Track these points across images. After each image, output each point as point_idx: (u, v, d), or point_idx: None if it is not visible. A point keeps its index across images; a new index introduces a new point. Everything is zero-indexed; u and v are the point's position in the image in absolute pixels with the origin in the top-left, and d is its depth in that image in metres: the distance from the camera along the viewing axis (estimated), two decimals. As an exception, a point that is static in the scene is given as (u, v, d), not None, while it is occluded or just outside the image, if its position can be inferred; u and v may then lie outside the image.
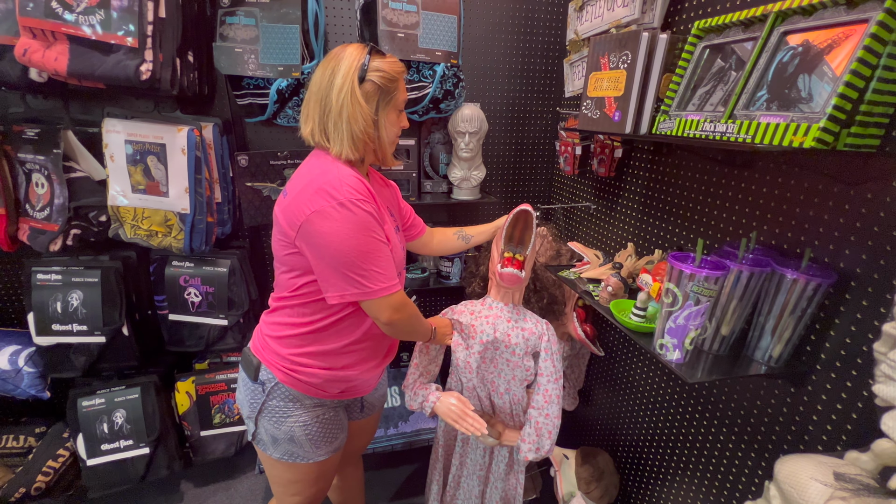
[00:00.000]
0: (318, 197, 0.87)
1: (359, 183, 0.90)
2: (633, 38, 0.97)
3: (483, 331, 1.21)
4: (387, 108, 0.96)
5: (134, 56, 1.18)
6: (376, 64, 0.93)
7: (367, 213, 0.89)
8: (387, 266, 0.93)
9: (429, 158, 1.75)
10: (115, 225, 1.46)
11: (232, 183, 1.58)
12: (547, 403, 1.18)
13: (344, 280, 0.90)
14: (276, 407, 1.02)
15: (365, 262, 0.89)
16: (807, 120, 0.68)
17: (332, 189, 0.87)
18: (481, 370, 1.24)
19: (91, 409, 1.60)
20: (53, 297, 1.48)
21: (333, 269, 0.90)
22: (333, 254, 0.88)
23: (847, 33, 0.67)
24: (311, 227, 0.88)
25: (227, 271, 1.58)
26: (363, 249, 0.89)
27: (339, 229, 0.87)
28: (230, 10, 1.36)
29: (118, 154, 1.38)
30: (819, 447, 0.86)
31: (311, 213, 0.87)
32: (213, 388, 1.73)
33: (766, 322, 0.87)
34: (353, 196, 0.87)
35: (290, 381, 1.01)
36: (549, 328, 1.22)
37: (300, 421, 1.03)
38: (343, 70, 0.90)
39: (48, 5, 1.12)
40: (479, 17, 1.66)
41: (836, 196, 0.81)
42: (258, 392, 1.03)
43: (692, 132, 0.86)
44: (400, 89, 0.98)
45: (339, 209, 0.86)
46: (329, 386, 1.04)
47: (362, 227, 0.88)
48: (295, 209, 0.90)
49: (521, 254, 1.21)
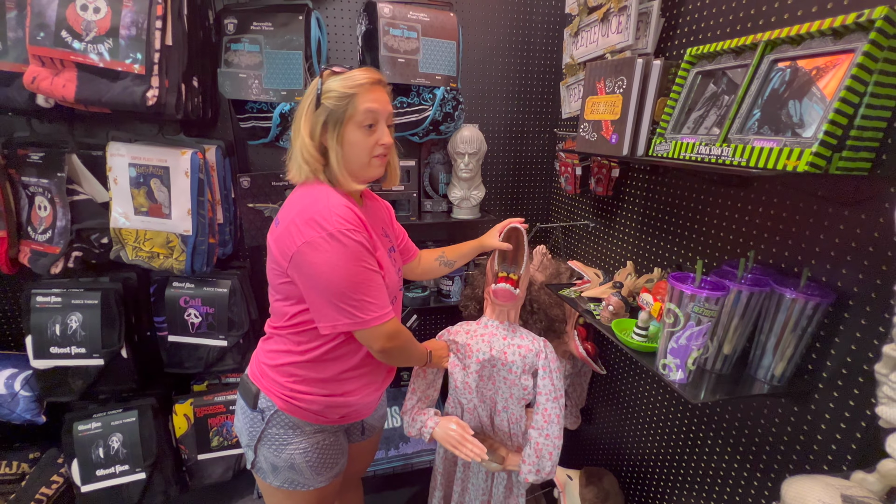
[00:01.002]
0: (308, 227, 0.86)
1: (349, 212, 0.89)
2: (629, 64, 1.00)
3: (479, 349, 1.21)
4: (342, 128, 0.91)
5: (140, 82, 1.20)
6: (329, 84, 0.91)
7: (357, 242, 0.88)
8: (378, 295, 0.92)
9: (429, 178, 1.78)
10: (117, 247, 1.46)
11: (234, 204, 1.59)
12: (546, 423, 1.17)
13: (335, 310, 0.89)
14: (276, 435, 1.01)
15: (356, 293, 0.88)
16: (799, 144, 0.70)
17: (321, 219, 0.86)
18: (480, 388, 1.23)
19: (87, 433, 1.57)
20: (52, 320, 1.47)
21: (325, 300, 0.89)
22: (324, 285, 0.88)
23: (834, 62, 0.70)
24: (302, 259, 0.87)
25: (228, 292, 1.58)
26: (354, 280, 0.88)
27: (329, 260, 0.86)
28: (235, 38, 1.39)
29: (122, 177, 1.39)
30: (824, 467, 0.85)
31: (301, 244, 0.87)
32: (212, 410, 1.70)
33: (767, 340, 0.88)
34: (343, 226, 0.87)
35: (290, 409, 1.00)
36: (548, 346, 1.22)
37: (300, 448, 1.01)
38: (305, 98, 0.93)
39: (58, 35, 1.15)
40: (477, 41, 1.71)
41: (830, 216, 0.82)
42: (257, 420, 1.01)
43: (688, 155, 0.88)
44: (359, 102, 0.90)
45: (329, 240, 0.86)
46: (329, 412, 1.03)
47: (353, 257, 0.87)
48: (286, 239, 0.89)
49: (515, 272, 1.22)
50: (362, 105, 0.91)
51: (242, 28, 1.40)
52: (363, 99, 0.91)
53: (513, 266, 1.25)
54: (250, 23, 1.40)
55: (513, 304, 1.20)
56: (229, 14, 1.40)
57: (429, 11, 1.48)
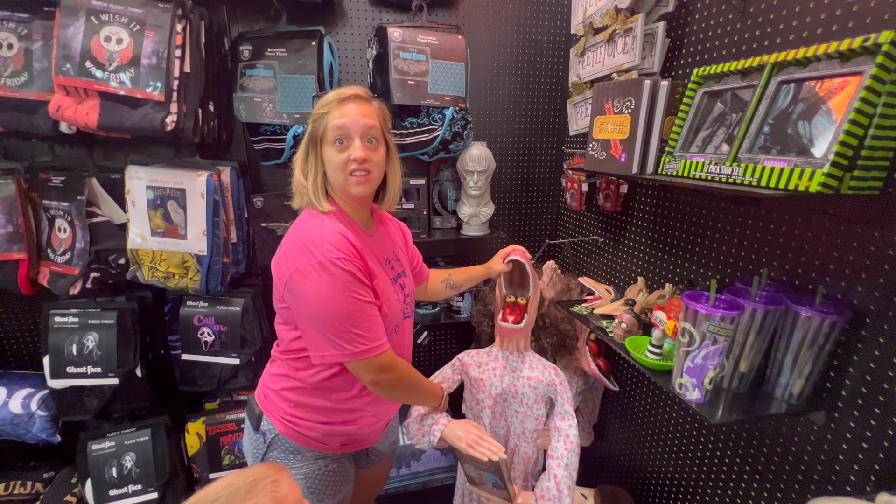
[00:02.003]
0: (300, 255, 0.86)
1: (341, 240, 0.88)
2: (636, 85, 1.02)
3: (492, 384, 1.20)
4: (320, 148, 0.93)
5: (160, 109, 1.24)
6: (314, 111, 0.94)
7: (346, 272, 0.86)
8: (370, 327, 0.89)
9: (438, 195, 1.80)
10: (134, 267, 1.49)
11: (247, 223, 1.62)
12: (568, 452, 1.12)
13: (324, 341, 0.88)
14: (277, 459, 1.01)
15: (344, 324, 0.86)
16: (810, 165, 0.71)
17: (313, 247, 0.86)
18: (493, 426, 1.22)
19: (101, 452, 1.58)
20: (70, 340, 1.50)
21: (314, 329, 0.88)
22: (313, 314, 0.87)
23: (842, 84, 0.71)
24: (294, 286, 0.87)
25: (241, 310, 1.59)
26: (342, 311, 0.86)
27: (316, 290, 0.85)
28: (250, 63, 1.44)
29: (139, 199, 1.43)
30: (847, 488, 0.84)
31: (293, 272, 0.87)
32: (223, 428, 1.71)
33: (784, 359, 0.87)
34: (332, 255, 0.85)
35: (291, 434, 0.99)
36: (559, 373, 1.21)
37: (301, 473, 1.01)
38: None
39: (82, 65, 1.19)
40: (484, 62, 1.75)
41: (843, 234, 0.83)
42: (259, 442, 1.02)
43: (698, 174, 0.89)
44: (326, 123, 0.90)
45: (319, 269, 0.85)
46: (329, 440, 1.02)
47: (342, 287, 0.85)
48: (282, 265, 0.90)
49: (524, 296, 1.21)
50: (331, 122, 0.90)
51: (257, 54, 1.44)
52: (332, 116, 0.90)
53: (521, 290, 1.25)
54: (265, 49, 1.44)
55: (521, 335, 1.20)
56: (244, 41, 1.45)
57: (437, 35, 1.52)
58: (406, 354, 1.12)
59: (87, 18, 1.19)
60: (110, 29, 1.20)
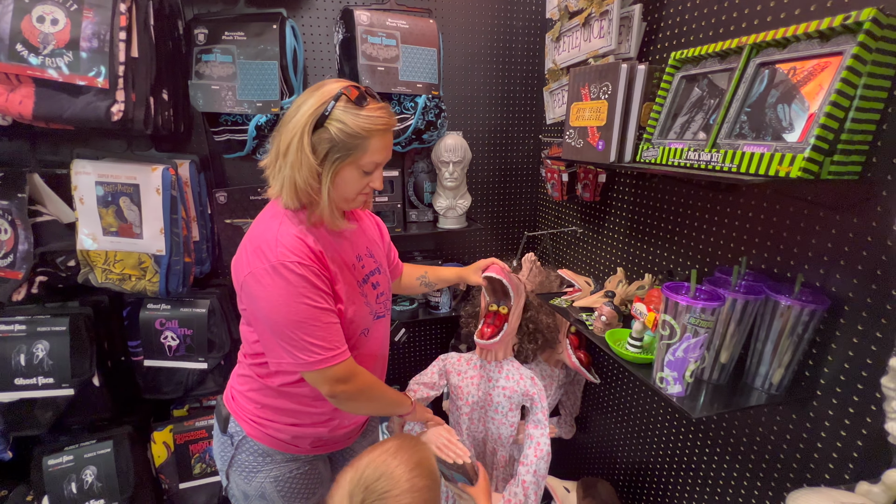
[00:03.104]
0: (254, 257, 0.82)
1: (297, 243, 0.82)
2: (613, 69, 0.98)
3: (469, 392, 1.23)
4: (340, 164, 0.83)
5: (105, 97, 1.14)
6: (339, 114, 0.80)
7: (300, 277, 0.80)
8: (325, 336, 0.84)
9: (413, 188, 1.74)
10: (85, 270, 1.38)
11: (210, 220, 1.53)
12: (537, 459, 1.15)
13: (279, 347, 0.84)
14: (246, 461, 0.96)
15: (296, 332, 0.82)
16: (790, 150, 0.68)
17: (266, 249, 0.81)
18: (472, 431, 1.24)
19: (58, 467, 1.48)
20: (17, 349, 1.39)
21: (269, 335, 0.85)
22: (264, 319, 0.83)
23: (822, 65, 0.68)
24: (248, 289, 0.83)
25: (207, 312, 1.51)
26: (294, 319, 0.81)
27: (268, 295, 0.81)
28: (206, 48, 1.34)
29: (88, 196, 1.32)
30: (826, 476, 0.83)
31: (247, 274, 0.82)
32: (193, 436, 1.63)
33: (763, 348, 0.86)
34: (286, 258, 0.80)
35: (259, 436, 0.95)
36: (536, 383, 1.22)
37: (271, 476, 0.97)
38: (304, 109, 0.80)
39: (12, 49, 1.08)
40: (458, 48, 1.68)
41: (822, 221, 0.81)
42: (227, 445, 0.98)
43: (676, 160, 0.86)
44: (368, 149, 0.83)
45: (270, 273, 0.80)
46: (299, 441, 0.98)
47: (294, 293, 0.80)
48: (238, 266, 0.86)
49: (506, 305, 1.20)
50: (373, 154, 0.84)
51: (214, 38, 1.34)
52: (376, 146, 0.84)
53: (504, 299, 1.23)
54: (222, 33, 1.35)
55: (498, 347, 1.20)
56: (199, 24, 1.35)
57: (408, 18, 1.45)
58: (381, 356, 1.08)
59: (17, -4, 1.08)
60: (43, 8, 1.08)
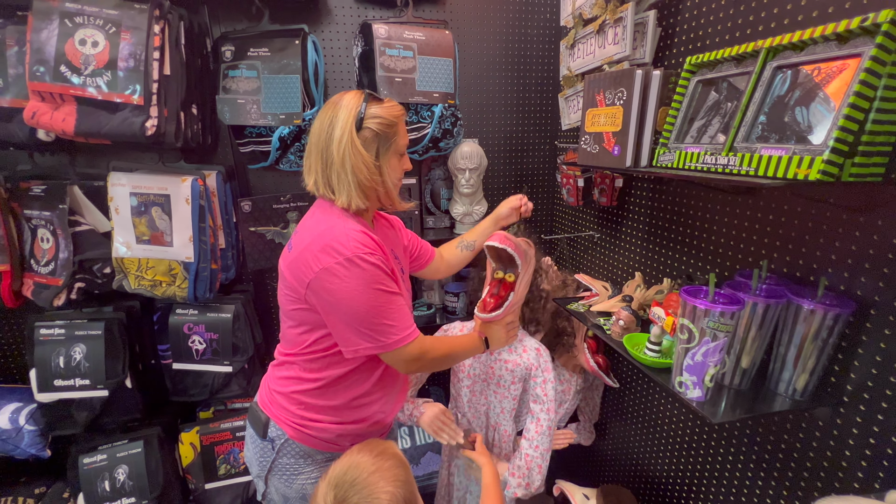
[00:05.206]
0: (325, 254, 0.87)
1: (364, 236, 0.90)
2: (628, 75, 0.99)
3: (470, 364, 1.22)
4: (387, 154, 0.95)
5: (139, 113, 1.21)
6: (373, 111, 0.92)
7: (374, 265, 0.88)
8: (399, 317, 0.92)
9: (430, 195, 1.77)
10: (119, 276, 1.45)
11: (235, 228, 1.59)
12: (538, 435, 1.15)
13: (357, 335, 0.89)
14: (287, 465, 0.99)
15: (377, 317, 0.88)
16: (809, 152, 0.68)
17: (338, 244, 0.87)
18: (473, 403, 1.24)
19: (92, 466, 1.54)
20: (56, 352, 1.46)
21: (345, 325, 0.89)
22: (345, 310, 0.88)
23: (841, 67, 0.68)
24: (321, 285, 0.87)
25: (232, 317, 1.56)
26: (374, 303, 0.88)
27: (348, 287, 0.86)
28: (232, 64, 1.40)
29: (123, 206, 1.39)
30: (855, 485, 0.81)
31: (319, 271, 0.87)
32: (218, 437, 1.68)
33: (786, 353, 0.84)
34: (361, 250, 0.87)
35: (301, 437, 0.98)
36: (541, 354, 1.19)
37: (312, 477, 0.99)
38: (341, 120, 0.90)
39: (57, 70, 1.15)
40: (473, 57, 1.71)
41: (845, 223, 0.80)
42: (268, 450, 0.99)
43: (693, 164, 0.86)
44: (399, 133, 0.97)
45: (348, 265, 0.86)
46: (341, 440, 1.01)
47: (372, 281, 0.87)
48: (302, 266, 0.89)
49: (513, 273, 1.10)
50: (403, 137, 0.98)
51: (240, 55, 1.41)
52: (402, 129, 0.97)
53: (510, 266, 1.14)
54: (247, 49, 1.41)
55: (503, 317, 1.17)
56: (226, 41, 1.41)
57: (424, 30, 1.49)
58: None
59: (61, 21, 1.15)
60: (85, 31, 1.16)
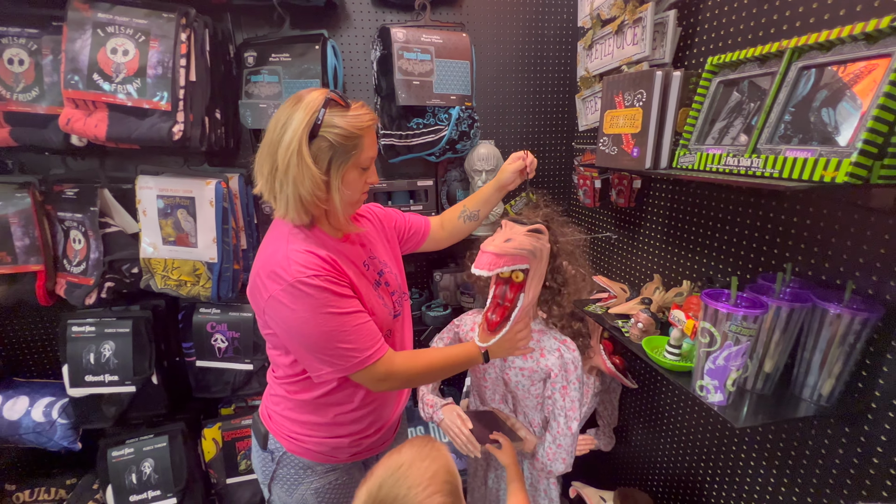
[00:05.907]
0: (271, 281, 0.83)
1: (309, 257, 0.84)
2: (647, 77, 0.98)
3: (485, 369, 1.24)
4: (343, 168, 0.84)
5: (167, 118, 1.25)
6: (331, 119, 0.81)
7: (320, 288, 0.82)
8: (357, 339, 0.86)
9: (446, 196, 1.78)
10: (147, 276, 1.50)
11: (257, 230, 1.62)
12: (560, 435, 1.16)
13: (317, 361, 0.87)
14: (287, 475, 1.00)
15: (331, 342, 0.84)
16: (836, 154, 0.67)
17: (280, 269, 0.82)
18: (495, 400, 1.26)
19: (120, 459, 1.60)
20: (87, 349, 1.52)
21: (305, 351, 0.87)
22: (298, 338, 0.85)
23: (870, 67, 0.67)
24: (272, 313, 0.85)
25: (253, 316, 1.60)
26: (325, 329, 0.83)
27: (295, 315, 0.82)
28: (255, 70, 1.44)
29: (150, 208, 1.44)
30: (884, 493, 0.79)
31: (268, 299, 0.84)
32: (239, 433, 1.72)
33: (811, 358, 0.83)
34: (303, 274, 0.81)
35: (299, 450, 0.99)
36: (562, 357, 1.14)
37: (312, 488, 1.00)
38: (295, 122, 0.80)
39: (90, 78, 1.20)
40: (490, 59, 1.72)
41: (873, 226, 0.78)
42: (268, 460, 1.02)
43: (715, 166, 0.85)
44: (363, 146, 0.85)
45: (291, 292, 0.81)
46: (338, 452, 1.01)
47: (319, 306, 0.82)
48: (255, 293, 0.88)
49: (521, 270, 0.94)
50: (368, 151, 0.87)
51: (261, 60, 1.44)
52: (368, 142, 0.87)
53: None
54: (269, 55, 1.44)
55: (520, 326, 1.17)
56: (249, 47, 1.45)
57: (441, 33, 1.50)
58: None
59: (94, 31, 1.20)
60: (116, 41, 1.21)
